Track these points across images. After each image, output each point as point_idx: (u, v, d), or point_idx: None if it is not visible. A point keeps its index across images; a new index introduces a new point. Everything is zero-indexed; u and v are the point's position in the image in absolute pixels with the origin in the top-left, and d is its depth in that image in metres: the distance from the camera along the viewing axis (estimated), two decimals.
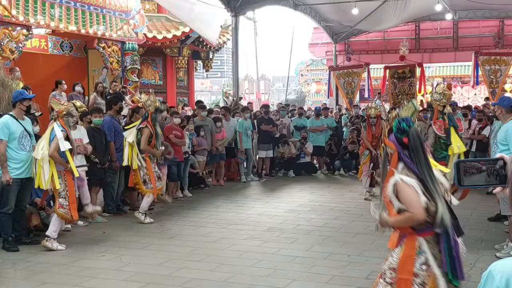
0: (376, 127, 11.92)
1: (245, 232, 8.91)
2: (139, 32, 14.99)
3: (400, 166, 3.91)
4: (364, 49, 27.17)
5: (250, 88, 51.41)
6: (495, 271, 1.47)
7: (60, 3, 12.40)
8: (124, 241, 8.38)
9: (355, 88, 18.14)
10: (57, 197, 7.88)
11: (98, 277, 6.62)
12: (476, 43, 24.52)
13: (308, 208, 10.88)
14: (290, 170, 15.78)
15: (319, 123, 16.47)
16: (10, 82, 9.89)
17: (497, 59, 15.65)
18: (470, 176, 1.83)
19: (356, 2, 19.89)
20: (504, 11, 23.19)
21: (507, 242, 7.52)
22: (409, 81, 17.79)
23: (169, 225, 9.47)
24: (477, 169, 1.82)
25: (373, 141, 11.83)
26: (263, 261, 7.20)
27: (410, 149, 3.90)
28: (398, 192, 3.78)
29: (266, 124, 15.40)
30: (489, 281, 1.47)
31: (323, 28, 25.48)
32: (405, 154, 3.90)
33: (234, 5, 18.24)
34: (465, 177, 1.83)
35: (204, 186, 13.41)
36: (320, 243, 8.20)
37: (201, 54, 19.69)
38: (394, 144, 3.98)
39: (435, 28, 26.29)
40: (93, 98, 12.93)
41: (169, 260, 7.28)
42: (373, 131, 11.90)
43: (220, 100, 19.73)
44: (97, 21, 13.44)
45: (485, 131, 12.67)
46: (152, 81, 18.22)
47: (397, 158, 3.94)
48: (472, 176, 1.83)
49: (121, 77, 14.67)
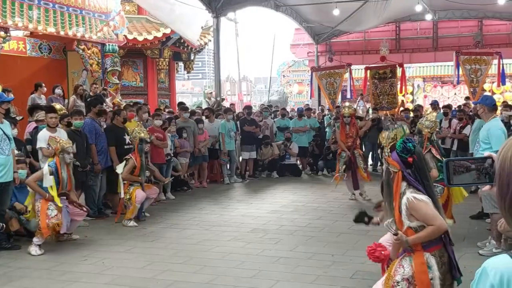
0: (351, 127, 11.76)
1: (228, 233, 8.87)
2: (119, 33, 14.88)
3: (403, 185, 4.13)
4: (345, 49, 27.30)
5: (232, 90, 51.34)
6: (489, 267, 1.46)
7: (38, 4, 12.26)
8: (106, 244, 8.30)
9: (337, 89, 18.20)
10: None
11: (80, 281, 6.53)
12: (456, 43, 24.76)
13: (291, 209, 10.87)
14: (273, 171, 15.76)
15: (302, 123, 16.48)
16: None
17: (478, 59, 15.80)
18: (459, 175, 1.84)
19: (337, 2, 19.95)
20: (483, 11, 23.43)
21: (489, 239, 7.56)
22: (390, 81, 17.89)
23: (152, 228, 9.39)
24: (466, 168, 1.83)
25: (347, 141, 11.67)
26: (246, 262, 7.17)
27: (414, 168, 4.14)
28: (412, 210, 4.04)
29: (249, 125, 15.37)
30: (483, 277, 1.47)
31: (305, 29, 25.55)
32: (408, 173, 4.14)
33: (215, 6, 18.19)
34: (454, 176, 1.84)
35: (187, 188, 13.34)
36: (304, 243, 8.18)
37: (182, 56, 19.62)
38: (398, 163, 4.17)
39: (415, 29, 26.50)
40: (73, 101, 12.79)
41: (152, 263, 7.22)
42: (347, 130, 11.73)
43: (203, 101, 19.68)
44: (76, 22, 13.31)
45: (466, 130, 12.76)
46: (133, 83, 18.11)
47: (401, 177, 4.15)
48: (461, 175, 1.84)
49: (101, 79, 14.55)
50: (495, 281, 1.43)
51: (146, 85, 18.36)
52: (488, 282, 1.45)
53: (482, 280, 1.47)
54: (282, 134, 16.35)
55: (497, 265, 1.46)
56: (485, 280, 1.46)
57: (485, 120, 7.64)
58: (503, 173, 1.48)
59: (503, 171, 1.49)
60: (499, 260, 1.47)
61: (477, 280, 1.49)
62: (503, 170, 1.49)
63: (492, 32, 25.40)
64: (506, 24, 24.97)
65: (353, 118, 11.99)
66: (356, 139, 11.82)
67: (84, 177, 9.86)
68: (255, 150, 15.41)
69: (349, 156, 11.56)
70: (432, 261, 4.04)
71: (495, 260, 1.48)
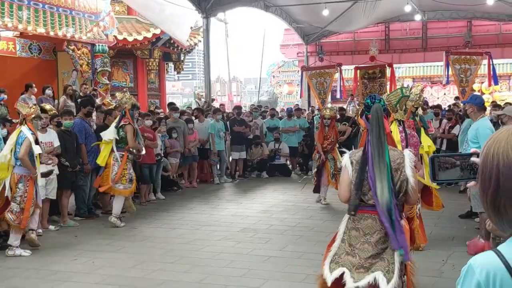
0: (330, 129, 11.44)
1: (218, 233, 8.88)
2: (109, 34, 14.84)
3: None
4: (334, 50, 27.37)
5: (222, 90, 51.37)
6: (474, 264, 1.46)
7: (28, 5, 12.21)
8: (96, 244, 8.29)
9: (327, 89, 18.20)
10: (11, 201, 7.63)
11: (70, 280, 6.53)
12: (445, 43, 24.87)
13: (281, 208, 10.89)
14: (263, 171, 15.78)
15: (291, 123, 16.51)
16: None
17: (467, 59, 15.83)
18: (444, 171, 1.84)
19: (326, 3, 20.01)
20: (472, 11, 23.57)
21: (478, 238, 7.62)
22: (380, 81, 17.90)
23: (142, 228, 9.39)
24: (451, 164, 1.83)
25: (324, 143, 11.32)
26: (237, 262, 7.19)
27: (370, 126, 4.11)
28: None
29: (238, 125, 15.38)
30: (469, 275, 1.47)
31: (294, 30, 25.60)
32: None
33: (204, 6, 18.21)
34: (439, 172, 1.84)
35: (177, 188, 13.33)
36: (294, 243, 8.22)
37: (172, 56, 19.58)
38: (364, 121, 4.22)
39: (404, 29, 26.62)
40: (63, 101, 12.74)
41: (142, 262, 7.23)
42: (325, 132, 11.40)
43: (193, 102, 19.66)
44: (66, 23, 13.27)
45: (455, 130, 12.84)
46: (123, 83, 18.05)
47: (365, 136, 4.14)
48: (447, 171, 1.84)
49: (91, 79, 14.51)
50: (481, 278, 1.43)
51: (136, 86, 18.31)
52: (474, 279, 1.45)
53: (468, 277, 1.47)
54: (271, 134, 16.38)
55: (483, 262, 1.46)
56: (471, 277, 1.46)
57: (473, 120, 7.70)
58: (485, 168, 1.50)
59: (485, 166, 1.50)
60: (485, 257, 1.47)
61: (463, 277, 1.48)
62: (485, 165, 1.50)
63: (481, 32, 25.56)
64: (495, 25, 25.13)
65: (333, 121, 11.69)
66: (334, 142, 11.41)
67: (74, 177, 9.84)
68: (245, 150, 15.42)
69: (322, 160, 11.22)
70: (345, 219, 4.26)
71: (481, 257, 1.48)
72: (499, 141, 1.49)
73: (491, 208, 1.49)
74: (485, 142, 1.54)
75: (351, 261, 4.07)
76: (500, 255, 1.46)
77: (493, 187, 1.47)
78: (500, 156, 1.46)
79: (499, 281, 1.42)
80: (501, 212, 1.47)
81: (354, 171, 4.11)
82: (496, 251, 1.47)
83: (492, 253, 1.47)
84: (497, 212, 1.47)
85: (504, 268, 1.43)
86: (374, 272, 3.97)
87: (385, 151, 4.05)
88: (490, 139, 1.52)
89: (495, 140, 1.51)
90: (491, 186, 1.47)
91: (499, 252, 1.47)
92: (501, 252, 1.47)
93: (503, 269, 1.43)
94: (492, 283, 1.43)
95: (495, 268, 1.44)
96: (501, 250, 1.48)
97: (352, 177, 4.10)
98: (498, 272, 1.43)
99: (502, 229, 1.51)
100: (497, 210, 1.47)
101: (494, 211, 1.48)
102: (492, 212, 1.49)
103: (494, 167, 1.47)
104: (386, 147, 4.08)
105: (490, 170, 1.48)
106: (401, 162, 4.11)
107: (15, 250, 7.66)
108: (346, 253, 4.12)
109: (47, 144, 8.98)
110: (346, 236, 4.19)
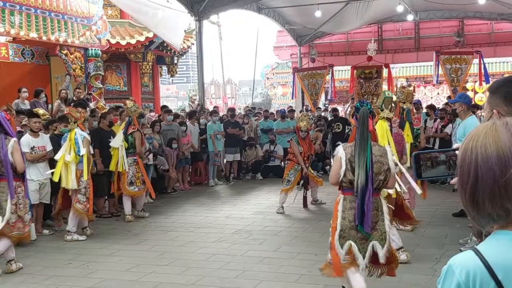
0: (305, 141, 10.90)
1: (213, 235, 8.90)
2: (102, 38, 14.85)
3: None
4: (328, 51, 27.39)
5: (217, 93, 51.38)
6: (454, 264, 1.46)
7: (20, 10, 12.21)
8: (91, 248, 8.29)
9: (319, 90, 18.25)
10: (77, 193, 8.71)
11: (65, 284, 6.54)
12: (437, 43, 24.92)
13: (275, 210, 10.89)
14: (257, 173, 15.80)
15: (285, 125, 16.52)
16: None
17: (458, 58, 15.91)
18: (428, 168, 1.83)
19: (319, 4, 20.04)
20: (464, 11, 23.65)
21: (470, 236, 7.67)
22: (375, 81, 17.95)
23: (136, 231, 9.40)
24: (435, 161, 1.83)
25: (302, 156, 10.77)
26: (231, 263, 7.21)
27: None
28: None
29: (232, 127, 15.40)
30: (449, 275, 1.46)
31: (287, 31, 25.62)
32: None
33: (197, 9, 18.21)
34: (423, 169, 1.83)
35: (172, 190, 13.33)
36: (288, 244, 8.24)
37: (165, 59, 19.60)
38: (354, 120, 5.18)
39: (397, 29, 26.65)
40: (57, 106, 12.75)
41: (137, 265, 7.24)
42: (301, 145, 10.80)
43: (186, 105, 19.67)
44: (58, 27, 13.28)
45: (447, 129, 12.88)
46: (117, 87, 18.07)
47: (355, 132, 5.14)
48: (431, 168, 1.82)
49: (85, 83, 14.51)
50: (461, 278, 1.43)
51: (130, 89, 18.32)
52: (454, 279, 1.44)
53: (448, 277, 1.46)
54: (265, 136, 16.40)
55: (463, 261, 1.45)
56: (451, 277, 1.45)
57: (462, 118, 7.74)
58: (464, 163, 1.50)
59: (463, 161, 1.51)
60: (465, 256, 1.47)
61: (443, 277, 1.48)
62: (464, 160, 1.51)
63: (473, 31, 25.61)
64: (487, 24, 25.20)
65: (308, 133, 11.18)
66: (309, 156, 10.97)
67: None
68: (239, 152, 15.44)
69: (305, 174, 10.79)
70: (341, 201, 5.17)
71: (460, 257, 1.47)
72: (477, 136, 1.50)
73: (470, 202, 1.49)
74: (465, 138, 1.54)
75: (354, 235, 5.08)
76: (479, 254, 1.45)
77: (471, 181, 1.47)
78: (479, 150, 1.47)
79: (479, 281, 1.42)
80: (480, 207, 1.47)
81: (347, 160, 5.03)
82: (475, 250, 1.47)
83: (471, 252, 1.47)
84: (476, 206, 1.48)
85: (484, 268, 1.42)
86: (371, 241, 5.08)
87: (366, 145, 4.99)
88: (469, 134, 1.54)
89: (473, 135, 1.51)
90: (470, 180, 1.47)
91: (477, 251, 1.46)
92: (480, 251, 1.46)
93: (483, 268, 1.42)
94: (472, 283, 1.42)
95: (475, 267, 1.43)
96: (480, 249, 1.47)
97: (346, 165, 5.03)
98: (478, 272, 1.42)
99: (480, 224, 1.52)
100: (475, 205, 1.48)
101: (472, 205, 1.49)
102: (470, 206, 1.50)
103: (473, 161, 1.47)
104: (368, 143, 5.01)
105: (469, 164, 1.48)
106: (383, 156, 5.09)
107: (72, 235, 8.69)
108: (349, 228, 5.09)
109: (40, 148, 8.99)
110: (346, 214, 5.10)
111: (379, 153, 5.09)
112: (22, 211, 7.26)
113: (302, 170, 10.79)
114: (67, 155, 8.64)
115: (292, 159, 10.97)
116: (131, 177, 10.10)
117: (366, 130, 5.02)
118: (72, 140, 8.69)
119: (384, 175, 5.06)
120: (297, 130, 11.15)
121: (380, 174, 5.04)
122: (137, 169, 10.21)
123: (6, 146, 6.94)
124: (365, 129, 5.02)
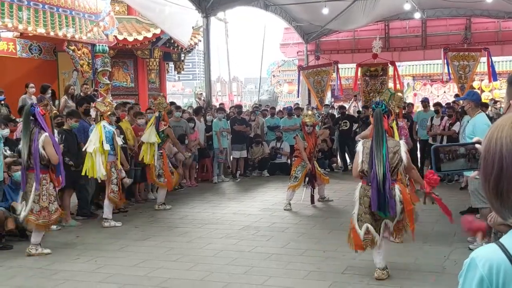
0: (309, 137, 10.82)
1: (220, 231, 8.90)
2: (110, 34, 14.83)
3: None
4: (335, 48, 27.33)
5: (223, 90, 51.34)
6: (477, 257, 1.45)
7: (28, 5, 12.21)
8: (98, 243, 8.31)
9: (325, 87, 18.22)
10: (110, 184, 9.38)
11: (73, 279, 6.55)
12: (444, 41, 24.82)
13: (282, 206, 10.87)
14: (264, 170, 15.79)
15: (291, 122, 16.49)
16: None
17: (466, 55, 15.88)
18: (447, 162, 1.81)
19: (326, 1, 20.00)
20: (471, 9, 23.57)
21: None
22: (381, 79, 17.94)
23: (144, 227, 9.41)
24: (455, 154, 1.81)
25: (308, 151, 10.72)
26: (239, 259, 7.21)
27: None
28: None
29: (239, 124, 15.39)
30: (471, 268, 1.45)
31: (294, 28, 25.58)
32: None
33: (205, 6, 18.20)
34: (443, 162, 1.81)
35: (179, 187, 13.34)
36: (296, 240, 8.24)
37: (172, 56, 19.58)
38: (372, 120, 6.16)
39: (404, 27, 26.56)
40: (64, 101, 12.76)
41: (145, 260, 7.24)
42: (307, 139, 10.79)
43: (193, 101, 19.67)
44: (66, 23, 13.27)
45: (455, 127, 12.83)
46: (124, 84, 18.07)
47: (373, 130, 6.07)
48: (449, 162, 1.80)
49: (92, 79, 14.50)
50: (484, 271, 1.42)
51: (137, 86, 18.31)
52: (477, 272, 1.43)
53: (470, 270, 1.45)
54: (272, 133, 16.38)
55: (486, 255, 1.44)
56: (474, 270, 1.44)
57: (471, 116, 7.73)
58: (488, 153, 1.48)
59: (488, 151, 1.48)
60: (488, 249, 1.46)
61: (465, 271, 1.47)
62: (488, 150, 1.48)
63: (480, 30, 25.51)
64: (494, 22, 25.10)
65: (315, 128, 11.13)
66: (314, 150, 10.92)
67: (76, 176, 9.82)
68: (245, 149, 15.43)
69: (310, 170, 10.74)
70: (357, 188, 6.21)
71: (483, 250, 1.46)
72: (502, 126, 1.48)
73: (493, 194, 1.47)
74: (489, 129, 1.52)
75: (370, 218, 6.10)
76: (503, 247, 1.44)
77: (496, 172, 1.45)
78: (504, 140, 1.45)
79: (503, 274, 1.41)
80: (504, 198, 1.45)
81: (366, 154, 6.06)
82: (499, 244, 1.45)
83: (495, 245, 1.45)
84: (500, 198, 1.46)
85: (508, 261, 1.41)
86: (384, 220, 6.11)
87: (382, 142, 5.96)
88: (493, 125, 1.52)
89: (498, 125, 1.49)
90: (494, 171, 1.46)
91: (502, 244, 1.45)
92: (503, 244, 1.45)
93: (507, 262, 1.41)
94: (496, 276, 1.41)
95: (499, 261, 1.42)
96: (503, 242, 1.46)
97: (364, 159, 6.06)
98: (502, 265, 1.41)
99: (503, 216, 1.50)
100: (499, 196, 1.46)
101: (496, 197, 1.47)
102: (494, 198, 1.48)
103: (497, 152, 1.45)
104: (384, 139, 5.98)
105: (493, 155, 1.46)
106: (397, 148, 6.08)
107: (110, 221, 9.35)
108: (364, 213, 6.11)
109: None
110: (362, 201, 6.13)
111: (393, 145, 6.10)
112: (45, 202, 7.61)
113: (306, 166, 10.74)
114: (91, 146, 9.15)
115: (299, 156, 10.90)
116: (158, 170, 10.70)
117: (381, 128, 5.99)
118: (100, 132, 9.19)
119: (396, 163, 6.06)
120: (302, 125, 11.13)
121: (393, 164, 6.03)
122: (163, 163, 10.79)
123: (37, 140, 7.38)
124: (380, 127, 5.99)
